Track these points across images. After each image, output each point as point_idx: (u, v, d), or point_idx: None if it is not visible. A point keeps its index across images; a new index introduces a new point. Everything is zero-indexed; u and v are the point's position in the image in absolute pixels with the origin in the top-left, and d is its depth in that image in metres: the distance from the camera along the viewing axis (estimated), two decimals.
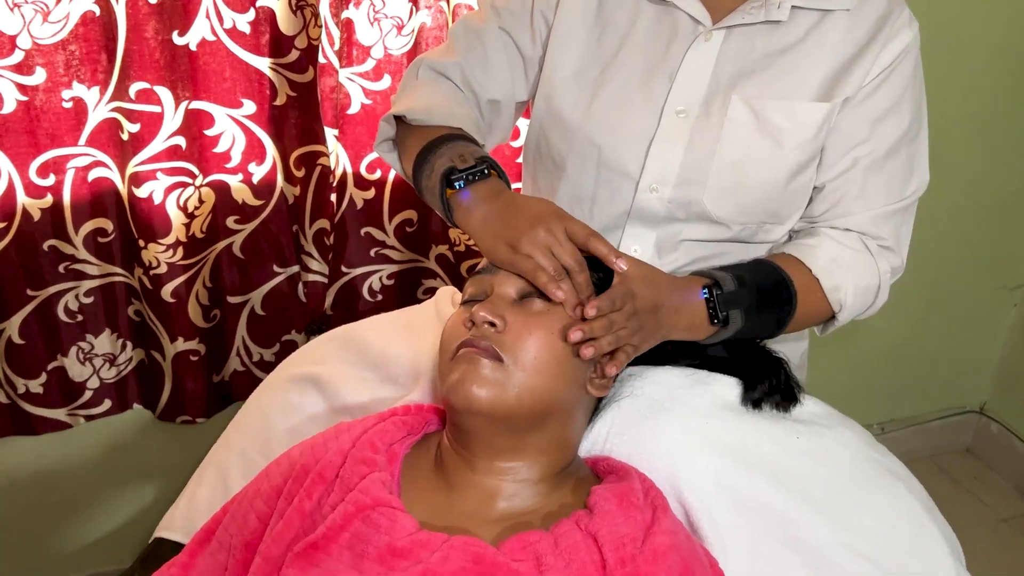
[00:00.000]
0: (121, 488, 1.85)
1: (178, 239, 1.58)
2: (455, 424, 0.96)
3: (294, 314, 1.76)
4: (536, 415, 0.93)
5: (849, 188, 1.16)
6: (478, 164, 1.05)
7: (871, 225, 1.17)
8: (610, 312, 0.95)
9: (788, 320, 1.13)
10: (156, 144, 1.51)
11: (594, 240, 0.97)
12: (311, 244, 1.70)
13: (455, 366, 0.93)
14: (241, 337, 1.74)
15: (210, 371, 1.72)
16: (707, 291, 1.08)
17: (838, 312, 1.17)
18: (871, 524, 1.00)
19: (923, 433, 2.53)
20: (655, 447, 1.01)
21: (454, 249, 1.81)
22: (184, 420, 1.74)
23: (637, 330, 0.98)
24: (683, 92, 1.14)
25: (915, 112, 1.16)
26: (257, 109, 1.58)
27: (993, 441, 2.54)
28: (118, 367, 1.69)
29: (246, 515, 1.01)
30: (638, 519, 0.89)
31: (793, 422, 1.07)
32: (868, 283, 1.17)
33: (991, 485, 2.48)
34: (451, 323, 0.99)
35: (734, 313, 1.07)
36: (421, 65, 1.25)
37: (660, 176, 1.14)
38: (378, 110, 1.62)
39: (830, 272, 1.15)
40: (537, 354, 0.92)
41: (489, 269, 1.00)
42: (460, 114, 1.16)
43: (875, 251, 1.17)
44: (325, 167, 1.63)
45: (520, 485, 0.95)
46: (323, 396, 1.23)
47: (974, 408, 2.59)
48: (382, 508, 0.91)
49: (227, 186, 1.62)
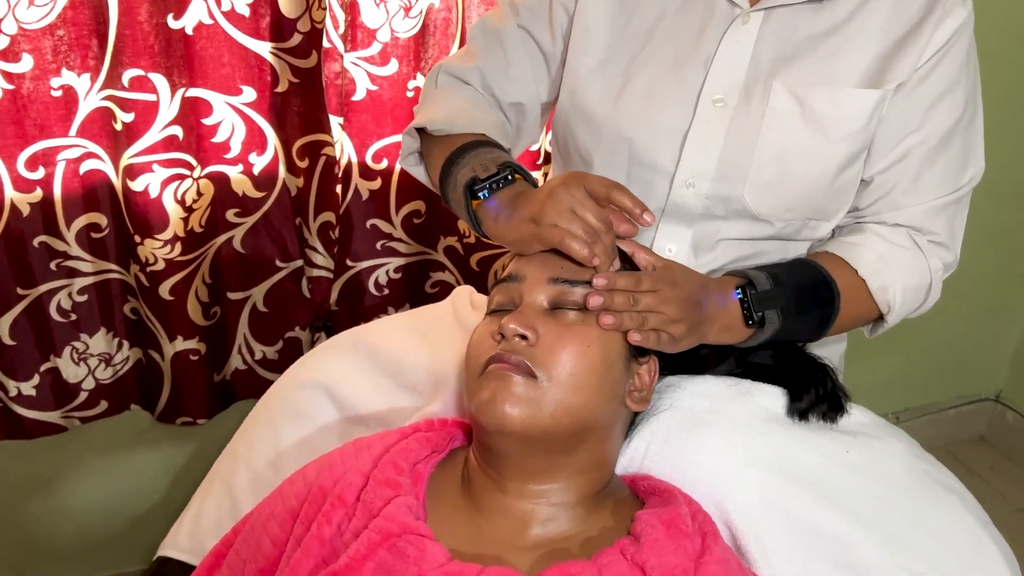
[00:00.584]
0: (119, 492, 1.79)
1: (176, 234, 1.51)
2: (484, 444, 0.89)
3: (298, 310, 1.70)
4: (573, 434, 0.87)
5: (899, 180, 1.09)
6: (501, 170, 1.00)
7: (923, 219, 1.10)
8: (634, 290, 0.90)
9: (831, 322, 1.07)
10: (151, 134, 1.44)
11: (616, 192, 0.91)
12: (315, 238, 1.62)
13: (484, 383, 0.87)
14: (243, 334, 1.68)
15: (211, 370, 1.66)
16: (740, 291, 1.02)
17: (887, 314, 1.11)
18: (926, 543, 0.95)
19: (938, 422, 2.50)
20: (697, 464, 0.96)
21: (463, 241, 1.74)
22: (184, 421, 1.68)
23: (678, 319, 0.92)
24: (720, 80, 1.06)
25: (970, 95, 1.08)
26: (257, 96, 1.51)
27: (1009, 430, 2.51)
28: (114, 367, 1.63)
29: (259, 539, 0.95)
30: (688, 548, 0.83)
31: (840, 433, 1.02)
32: (918, 282, 1.11)
33: (1007, 474, 2.44)
34: (477, 335, 0.92)
35: (770, 314, 1.01)
36: (440, 71, 1.21)
37: (697, 171, 1.08)
38: (384, 96, 1.55)
39: (877, 272, 1.08)
40: (573, 369, 0.86)
41: (516, 276, 0.93)
42: (483, 120, 1.13)
43: (926, 248, 1.11)
44: (330, 157, 1.56)
45: (555, 508, 0.88)
46: (335, 405, 1.17)
47: (989, 396, 2.55)
48: (409, 536, 0.84)
49: (227, 178, 1.55)
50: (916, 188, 1.09)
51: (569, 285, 0.90)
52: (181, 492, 1.60)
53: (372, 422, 1.15)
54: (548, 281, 0.91)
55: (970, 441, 2.57)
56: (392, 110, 1.57)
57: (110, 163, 1.47)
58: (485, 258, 1.75)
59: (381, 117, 1.57)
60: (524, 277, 0.92)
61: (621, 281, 0.90)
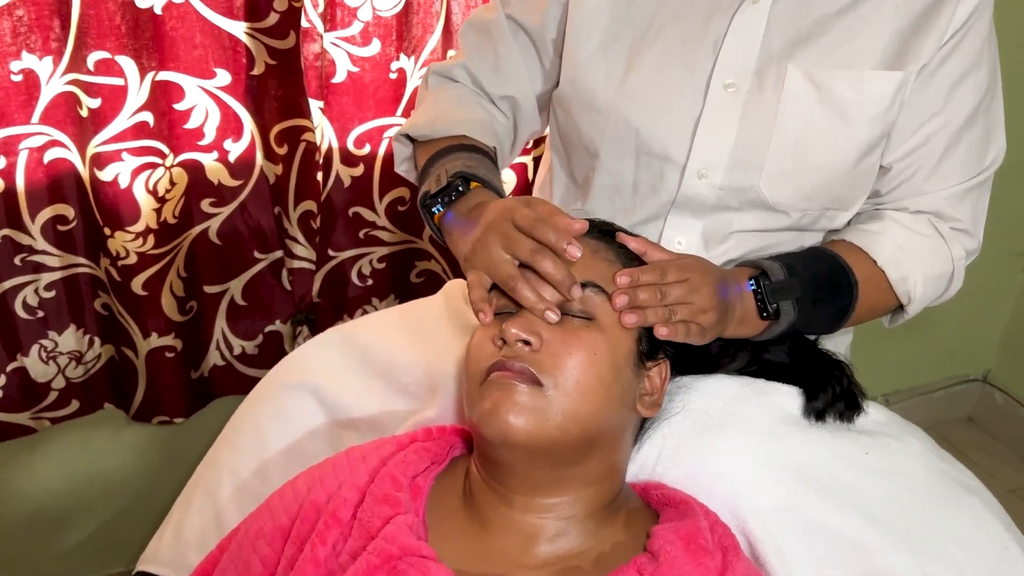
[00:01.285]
0: (94, 494, 1.73)
1: (148, 226, 1.44)
2: (488, 456, 0.84)
3: (278, 303, 1.64)
4: (581, 444, 0.82)
5: (921, 166, 1.04)
6: (451, 182, 0.97)
7: (945, 206, 1.06)
8: (661, 282, 0.85)
9: (849, 313, 1.03)
10: (120, 121, 1.37)
11: (540, 228, 0.82)
12: (296, 228, 1.56)
13: (486, 393, 0.81)
14: (220, 329, 1.62)
15: (187, 367, 1.59)
16: (754, 282, 0.97)
17: (907, 305, 1.07)
18: (952, 550, 0.91)
19: (927, 404, 2.49)
20: (713, 470, 0.92)
21: None
22: (161, 420, 1.62)
23: (708, 307, 0.88)
24: (731, 63, 1.01)
25: (992, 73, 1.04)
26: (232, 80, 1.44)
27: (997, 410, 2.51)
28: (86, 365, 1.56)
29: (248, 559, 0.89)
30: (709, 565, 0.79)
31: (857, 433, 0.98)
32: (940, 271, 1.07)
33: (995, 455, 2.43)
34: (477, 340, 0.87)
35: (785, 305, 0.97)
36: (430, 73, 1.19)
37: (709, 160, 1.02)
38: (366, 78, 1.49)
39: (897, 262, 1.04)
40: (580, 377, 0.81)
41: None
42: (464, 119, 1.08)
43: (948, 235, 1.07)
44: (310, 143, 1.49)
45: (565, 523, 0.83)
46: (323, 408, 1.11)
47: (977, 377, 2.54)
48: (411, 558, 0.79)
49: (200, 166, 1.49)
50: (938, 173, 1.04)
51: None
52: (158, 492, 1.53)
53: (363, 426, 1.10)
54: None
55: (958, 422, 2.56)
56: (374, 92, 1.50)
57: (76, 152, 1.39)
58: None
59: (363, 100, 1.51)
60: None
61: (645, 276, 0.85)
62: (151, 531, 1.14)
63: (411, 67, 1.51)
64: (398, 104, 1.53)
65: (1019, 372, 2.45)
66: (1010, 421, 2.46)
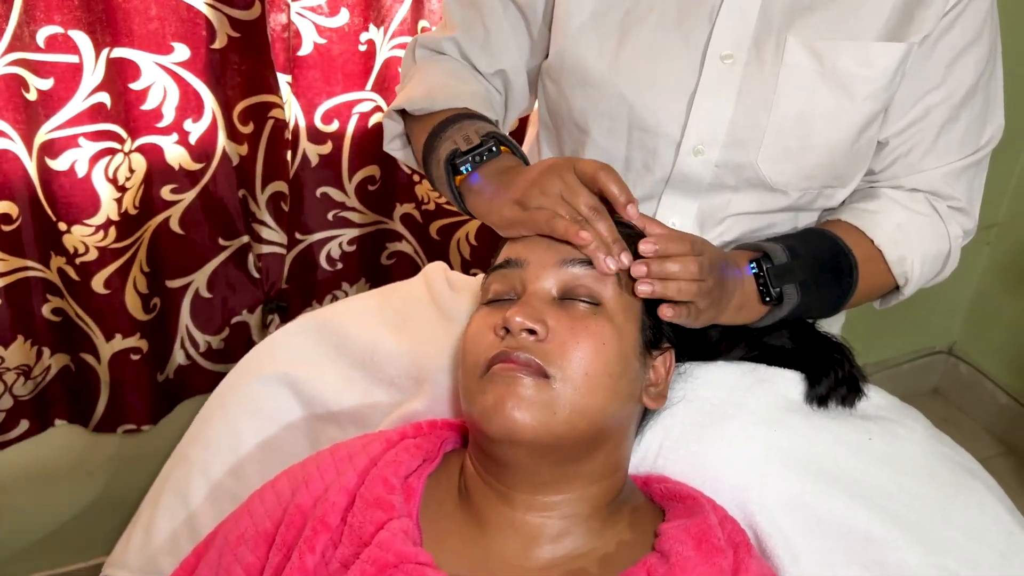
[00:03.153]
0: (50, 517, 1.64)
1: (109, 218, 1.35)
2: (488, 453, 0.79)
3: (244, 292, 1.56)
4: (588, 440, 0.78)
5: (918, 142, 1.01)
6: (484, 142, 0.93)
7: (942, 184, 1.03)
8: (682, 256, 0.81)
9: (849, 295, 1.00)
10: (75, 103, 1.27)
11: (603, 175, 0.81)
12: (264, 211, 1.48)
13: (488, 387, 0.77)
14: (184, 326, 1.53)
15: (154, 370, 1.51)
16: (755, 265, 0.93)
17: (903, 286, 1.04)
18: (960, 540, 0.89)
19: (893, 377, 2.50)
20: (717, 463, 0.89)
21: (422, 208, 1.62)
22: (127, 429, 1.53)
23: (712, 288, 0.84)
24: (727, 33, 0.96)
25: (992, 47, 1.00)
26: (191, 55, 1.35)
27: (961, 382, 2.52)
28: (35, 380, 1.46)
29: (229, 567, 0.84)
30: (722, 565, 0.75)
31: (860, 419, 0.95)
32: (937, 251, 1.04)
33: (961, 426, 2.45)
34: (475, 329, 0.82)
35: (789, 289, 0.93)
36: (416, 46, 1.14)
37: (706, 136, 0.98)
38: (334, 50, 1.41)
39: (895, 242, 1.01)
40: (589, 368, 0.77)
41: (517, 262, 0.83)
42: (465, 91, 1.04)
43: (945, 214, 1.04)
44: (279, 120, 1.41)
45: (568, 522, 0.80)
46: (300, 401, 1.07)
47: (943, 349, 2.55)
48: (408, 566, 0.75)
49: (160, 150, 1.39)
50: (936, 150, 1.02)
51: (583, 266, 0.80)
52: (124, 508, 1.45)
53: (343, 420, 1.05)
54: (558, 264, 0.81)
55: (924, 394, 2.57)
56: (343, 66, 1.42)
57: (20, 142, 1.29)
58: (446, 226, 1.63)
59: (331, 74, 1.43)
60: (527, 262, 0.82)
61: (673, 245, 0.81)
62: (114, 524, 1.07)
63: (381, 39, 1.44)
64: (367, 78, 1.46)
65: (984, 344, 2.46)
66: (975, 393, 2.48)
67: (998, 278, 2.32)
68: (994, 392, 2.40)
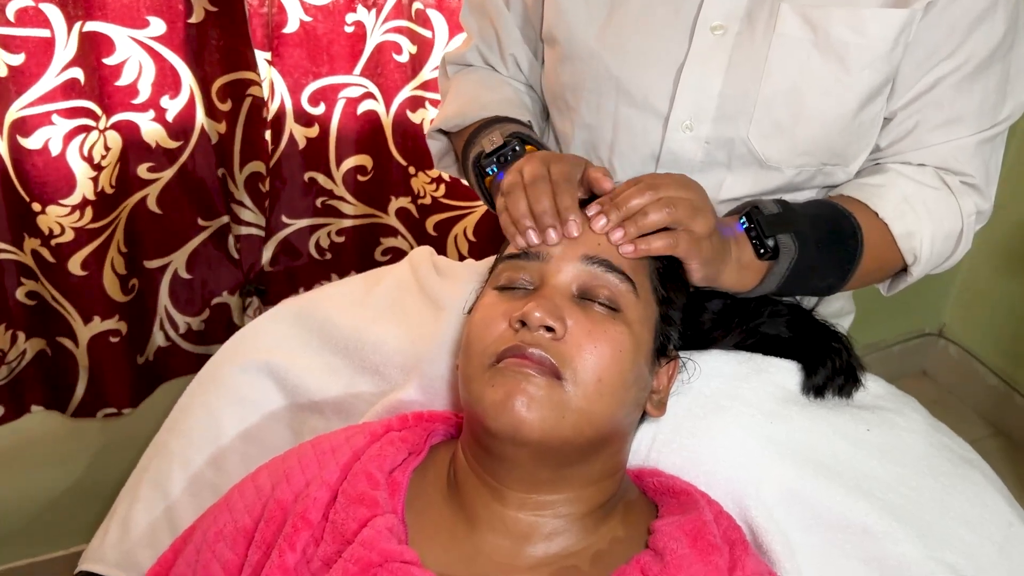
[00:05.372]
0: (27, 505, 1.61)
1: (85, 197, 1.31)
2: (487, 449, 0.76)
3: (224, 274, 1.53)
4: (592, 444, 0.76)
5: (928, 115, 0.96)
6: (508, 142, 0.93)
7: (953, 160, 0.97)
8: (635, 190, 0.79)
9: (856, 262, 0.94)
10: (48, 79, 1.23)
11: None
12: (243, 191, 1.44)
13: (497, 380, 0.73)
14: (164, 307, 1.50)
15: (133, 352, 1.47)
16: (745, 219, 0.89)
17: (911, 264, 0.98)
18: (960, 532, 0.87)
19: (884, 359, 2.49)
20: (712, 456, 0.86)
21: (418, 202, 1.57)
22: (107, 414, 1.50)
23: (700, 207, 0.80)
24: (720, 4, 0.92)
25: (1011, 15, 0.94)
26: (168, 29, 1.31)
27: (951, 364, 2.51)
28: (9, 365, 1.42)
29: (207, 565, 0.81)
30: (718, 563, 0.73)
31: (858, 409, 0.93)
32: (949, 228, 0.98)
33: (951, 409, 2.45)
34: (484, 316, 0.78)
35: (784, 239, 0.88)
36: (446, 63, 1.16)
37: (694, 110, 0.94)
38: (319, 30, 1.37)
39: (901, 215, 0.96)
40: (603, 375, 0.74)
41: (537, 255, 0.79)
42: (493, 100, 1.04)
43: (957, 188, 0.98)
44: (257, 98, 1.37)
45: (562, 521, 0.77)
46: (282, 390, 1.04)
47: (933, 332, 2.54)
48: (393, 564, 0.72)
49: (136, 127, 1.36)
50: (947, 123, 0.96)
51: (604, 269, 0.77)
52: (103, 495, 1.42)
53: (327, 409, 1.02)
54: (581, 259, 0.78)
55: (913, 376, 2.56)
56: (328, 46, 1.38)
57: None
58: (442, 221, 1.59)
59: (317, 54, 1.39)
60: (549, 255, 0.79)
61: (623, 188, 0.80)
62: (93, 512, 1.04)
63: (371, 22, 1.39)
64: (356, 61, 1.41)
65: (974, 326, 2.45)
66: (964, 375, 2.47)
67: (989, 260, 2.30)
68: (984, 374, 2.39)
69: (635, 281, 0.78)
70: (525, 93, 1.10)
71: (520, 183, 0.82)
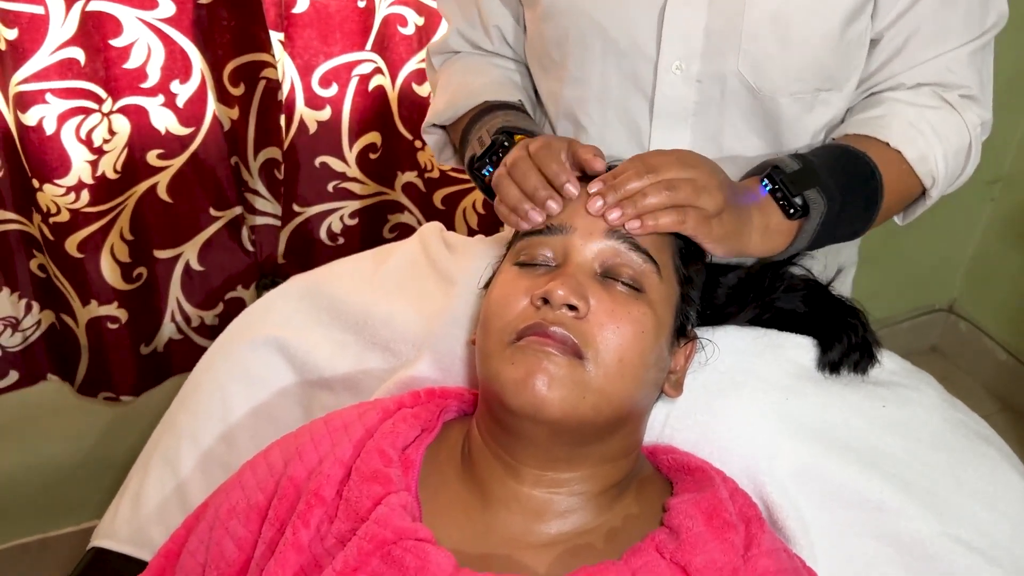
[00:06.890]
0: (42, 475, 1.61)
1: (81, 180, 1.30)
2: (504, 426, 0.76)
3: (239, 266, 1.51)
4: (610, 424, 0.76)
5: (915, 29, 0.94)
6: (496, 140, 0.92)
7: (947, 72, 0.95)
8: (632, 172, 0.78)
9: (879, 200, 0.92)
10: (41, 56, 1.21)
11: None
12: (257, 179, 1.43)
13: (518, 357, 0.73)
14: (175, 299, 1.49)
15: (136, 341, 1.46)
16: (767, 180, 0.87)
17: (930, 187, 0.97)
18: (975, 509, 0.87)
19: (893, 335, 2.48)
20: (727, 432, 0.86)
21: (425, 175, 1.55)
22: (107, 397, 1.50)
23: (700, 189, 0.78)
24: None
25: None
26: (177, 10, 1.29)
27: (961, 340, 2.51)
28: (23, 332, 1.43)
29: (220, 541, 0.82)
30: (734, 540, 0.73)
31: (873, 385, 0.92)
32: (958, 144, 0.96)
33: (960, 384, 2.44)
34: (504, 291, 0.78)
35: (811, 194, 0.86)
36: (430, 55, 1.15)
37: (682, 48, 0.93)
38: (331, 7, 1.35)
39: (911, 140, 0.94)
40: (624, 355, 0.74)
41: (562, 228, 0.78)
42: (480, 85, 1.04)
43: (957, 103, 0.96)
44: (271, 81, 1.36)
45: (576, 499, 0.77)
46: (292, 366, 1.04)
47: (943, 307, 2.53)
48: (407, 542, 0.72)
49: (145, 112, 1.34)
50: (936, 36, 0.94)
51: (628, 247, 0.77)
52: (115, 471, 1.42)
53: (337, 386, 1.03)
54: (605, 233, 0.77)
55: (923, 352, 2.56)
56: (340, 24, 1.36)
57: None
58: (451, 195, 1.58)
59: (328, 33, 1.36)
60: (573, 228, 0.78)
61: (621, 170, 0.78)
62: (105, 486, 1.04)
63: None
64: (367, 37, 1.39)
65: (984, 302, 2.44)
66: (974, 351, 2.46)
67: (1001, 235, 2.29)
68: (994, 349, 2.39)
69: (659, 262, 0.77)
70: (514, 71, 1.09)
71: (506, 174, 0.82)
